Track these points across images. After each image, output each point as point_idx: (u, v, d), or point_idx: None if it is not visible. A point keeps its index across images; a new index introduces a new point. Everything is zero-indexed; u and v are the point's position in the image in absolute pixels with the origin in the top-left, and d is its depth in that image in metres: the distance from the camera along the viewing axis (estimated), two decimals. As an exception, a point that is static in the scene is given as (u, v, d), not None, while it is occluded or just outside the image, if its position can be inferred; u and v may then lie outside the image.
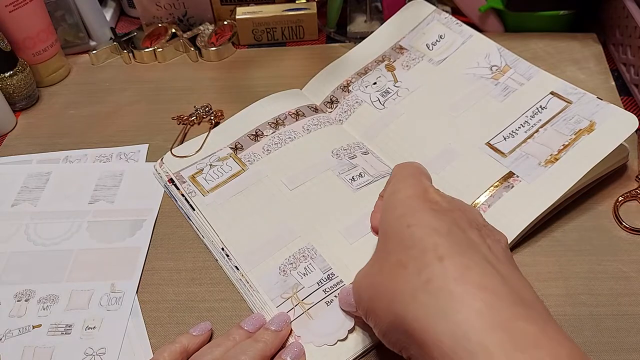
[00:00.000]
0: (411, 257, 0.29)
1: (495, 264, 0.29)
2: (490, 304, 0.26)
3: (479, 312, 0.25)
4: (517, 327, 0.25)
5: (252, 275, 0.42)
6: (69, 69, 0.66)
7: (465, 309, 0.26)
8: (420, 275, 0.28)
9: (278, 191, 0.48)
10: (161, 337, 0.40)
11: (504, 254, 0.31)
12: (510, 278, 0.28)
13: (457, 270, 0.27)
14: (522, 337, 0.25)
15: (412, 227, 0.30)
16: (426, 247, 0.29)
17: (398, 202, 0.33)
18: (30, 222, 0.49)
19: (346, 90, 0.56)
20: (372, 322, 0.32)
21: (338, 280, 0.41)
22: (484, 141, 0.48)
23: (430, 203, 0.32)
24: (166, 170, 0.51)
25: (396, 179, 0.35)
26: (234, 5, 0.68)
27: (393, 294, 0.29)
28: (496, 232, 0.33)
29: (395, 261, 0.30)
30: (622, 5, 0.57)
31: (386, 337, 0.31)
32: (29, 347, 0.40)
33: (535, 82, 0.50)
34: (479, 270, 0.27)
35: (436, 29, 0.57)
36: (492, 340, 0.25)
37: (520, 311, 0.26)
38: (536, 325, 0.25)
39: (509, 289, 0.27)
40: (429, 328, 0.26)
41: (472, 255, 0.28)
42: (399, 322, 0.28)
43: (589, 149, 0.43)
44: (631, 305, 0.39)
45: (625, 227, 0.44)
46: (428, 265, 0.28)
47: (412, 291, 0.28)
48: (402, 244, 0.30)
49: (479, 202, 0.44)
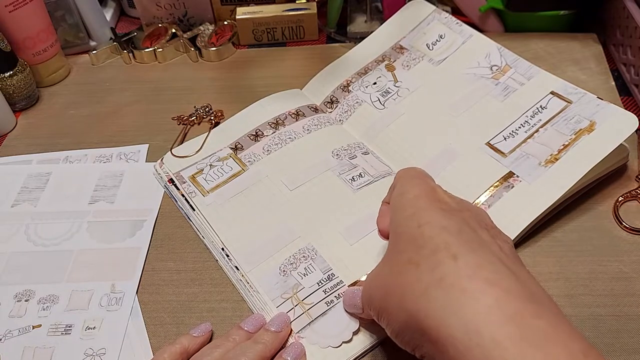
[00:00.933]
0: (423, 256, 0.29)
1: (506, 261, 0.29)
2: (502, 300, 0.26)
3: (491, 307, 0.26)
4: (530, 322, 0.25)
5: (252, 276, 0.42)
6: (69, 69, 0.66)
7: (477, 304, 0.26)
8: (433, 273, 0.28)
9: (278, 191, 0.47)
10: (161, 337, 0.40)
11: (513, 252, 0.31)
12: (520, 274, 0.28)
13: (469, 268, 0.27)
14: (535, 332, 0.25)
15: (422, 227, 0.30)
16: (438, 246, 0.29)
17: (407, 203, 0.33)
18: (30, 222, 0.48)
19: (346, 90, 0.56)
20: (385, 322, 0.32)
21: (338, 281, 0.41)
22: (484, 141, 0.48)
23: (440, 203, 0.32)
24: (166, 171, 0.51)
25: (402, 181, 0.35)
26: (234, 5, 0.68)
27: (404, 292, 0.29)
28: (503, 234, 0.33)
29: (406, 260, 0.30)
30: (622, 6, 0.57)
31: (399, 336, 0.31)
32: (29, 348, 0.40)
33: (536, 82, 0.50)
34: (491, 268, 0.28)
35: (436, 29, 0.57)
36: (504, 335, 0.25)
37: (532, 307, 0.26)
38: (547, 321, 0.26)
39: (521, 286, 0.27)
40: (442, 324, 0.26)
41: (483, 253, 0.29)
42: (412, 320, 0.28)
43: (589, 149, 0.43)
44: (632, 306, 0.39)
45: (625, 227, 0.44)
46: (440, 263, 0.28)
47: (425, 289, 0.28)
48: (413, 244, 0.30)
49: (479, 202, 0.44)
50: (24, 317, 0.41)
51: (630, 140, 0.46)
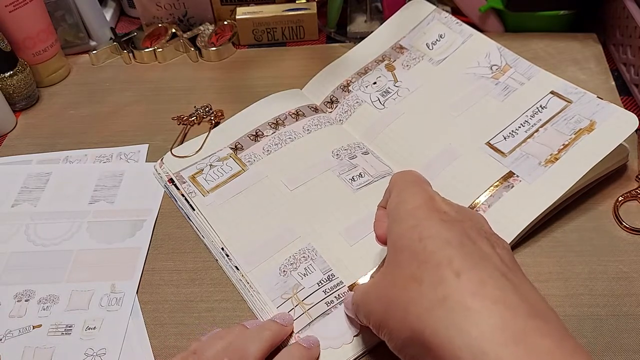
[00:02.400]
0: (425, 271, 0.29)
1: (508, 274, 0.29)
2: (506, 318, 0.26)
3: (496, 327, 0.26)
4: (535, 342, 0.25)
5: (252, 276, 0.42)
6: (69, 69, 0.66)
7: (482, 323, 0.26)
8: (437, 290, 0.28)
9: (278, 191, 0.47)
10: (161, 337, 0.40)
11: (514, 262, 0.31)
12: (522, 288, 0.28)
13: (473, 285, 0.27)
14: (540, 351, 0.25)
15: (424, 241, 0.30)
16: (440, 262, 0.29)
17: (406, 214, 0.32)
18: (30, 222, 0.48)
19: (346, 90, 0.56)
20: (386, 336, 0.31)
21: (338, 281, 0.41)
22: (484, 141, 0.48)
23: (439, 213, 0.32)
24: (166, 171, 0.51)
25: (398, 188, 0.35)
26: (234, 5, 0.68)
27: (408, 308, 0.29)
28: (501, 240, 0.33)
29: (408, 275, 0.30)
30: (622, 6, 0.57)
31: (402, 352, 0.30)
32: (29, 348, 0.40)
33: (536, 82, 0.50)
34: (493, 284, 0.27)
35: (436, 29, 0.57)
36: (510, 355, 0.25)
37: (536, 324, 0.26)
38: (552, 339, 0.26)
39: (524, 302, 0.27)
40: (447, 343, 0.26)
41: (485, 267, 0.28)
42: (417, 337, 0.28)
43: (589, 149, 0.43)
44: (632, 306, 0.39)
45: (625, 227, 0.44)
46: (444, 280, 0.28)
47: (429, 306, 0.28)
48: (415, 258, 0.30)
49: (479, 202, 0.44)
50: (24, 317, 0.41)
51: (630, 140, 0.46)
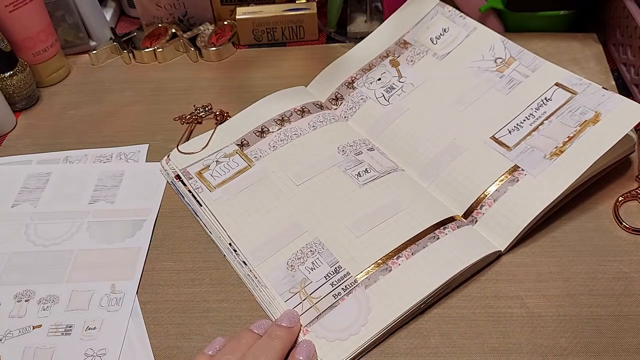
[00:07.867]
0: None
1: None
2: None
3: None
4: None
5: (260, 271, 0.42)
6: (69, 69, 0.66)
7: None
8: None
9: (285, 186, 0.48)
10: (161, 337, 0.40)
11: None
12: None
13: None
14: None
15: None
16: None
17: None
18: (30, 222, 0.48)
19: (351, 87, 0.56)
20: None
21: (345, 273, 0.41)
22: (489, 135, 0.47)
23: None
24: (173, 167, 0.51)
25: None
26: (234, 5, 0.68)
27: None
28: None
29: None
30: (622, 6, 0.57)
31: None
32: (29, 348, 0.40)
33: (540, 74, 0.49)
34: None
35: (440, 23, 0.57)
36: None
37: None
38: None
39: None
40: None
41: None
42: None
43: (595, 140, 0.43)
44: (632, 306, 0.39)
45: (625, 227, 0.44)
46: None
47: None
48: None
49: (485, 197, 0.44)
50: (24, 317, 0.41)
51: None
